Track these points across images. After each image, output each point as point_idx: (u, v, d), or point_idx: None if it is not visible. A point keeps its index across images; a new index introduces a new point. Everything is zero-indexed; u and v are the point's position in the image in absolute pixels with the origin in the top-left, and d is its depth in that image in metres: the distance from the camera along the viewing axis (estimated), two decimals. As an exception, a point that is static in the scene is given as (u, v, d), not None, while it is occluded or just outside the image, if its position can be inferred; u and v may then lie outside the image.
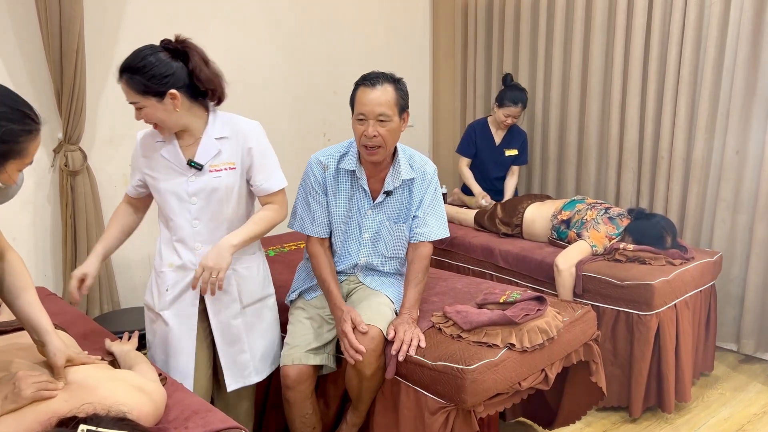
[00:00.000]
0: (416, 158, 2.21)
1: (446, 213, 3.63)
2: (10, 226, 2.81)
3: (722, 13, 3.07)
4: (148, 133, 2.01)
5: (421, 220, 2.21)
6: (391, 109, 2.02)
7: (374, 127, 2.01)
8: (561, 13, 3.75)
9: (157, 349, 2.07)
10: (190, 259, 1.99)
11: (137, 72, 1.79)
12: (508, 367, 1.94)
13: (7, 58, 2.71)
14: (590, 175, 3.76)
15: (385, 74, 2.07)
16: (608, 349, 2.68)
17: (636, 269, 2.67)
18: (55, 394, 1.34)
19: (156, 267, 2.06)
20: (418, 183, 2.19)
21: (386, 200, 2.18)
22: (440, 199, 2.26)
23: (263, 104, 3.58)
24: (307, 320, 2.17)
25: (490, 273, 3.21)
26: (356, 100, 2.05)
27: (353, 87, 2.09)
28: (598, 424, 2.66)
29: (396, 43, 4.28)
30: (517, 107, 3.59)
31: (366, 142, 2.04)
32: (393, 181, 2.15)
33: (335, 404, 2.25)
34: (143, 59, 1.80)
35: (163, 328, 2.03)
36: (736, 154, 3.11)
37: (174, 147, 1.94)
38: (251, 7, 3.49)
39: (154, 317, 2.06)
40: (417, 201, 2.19)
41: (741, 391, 2.91)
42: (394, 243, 2.24)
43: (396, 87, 2.05)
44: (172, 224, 1.99)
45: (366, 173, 2.16)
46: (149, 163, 1.98)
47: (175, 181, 1.95)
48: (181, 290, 2.01)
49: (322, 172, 2.17)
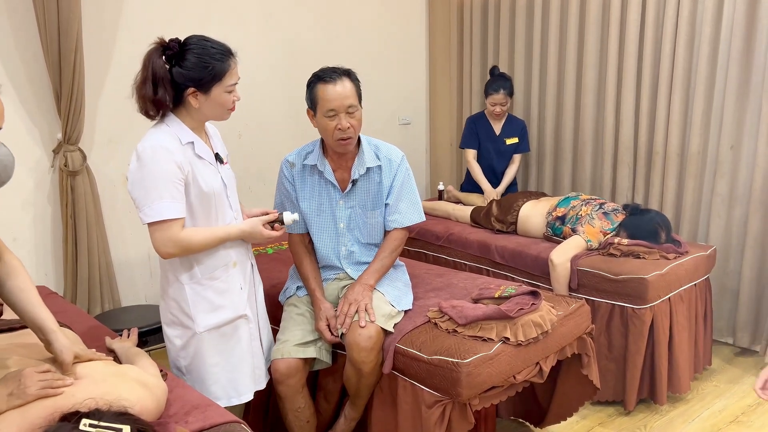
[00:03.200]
0: (381, 147, 2.28)
1: (443, 210, 3.72)
2: (11, 226, 2.84)
3: (716, 8, 3.09)
4: (168, 147, 1.81)
5: (393, 207, 2.27)
6: (355, 100, 2.12)
7: (346, 120, 2.10)
8: (556, 9, 3.77)
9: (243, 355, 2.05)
10: (241, 251, 2.02)
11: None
12: (503, 361, 1.97)
13: (6, 60, 2.73)
14: (586, 170, 3.79)
15: (338, 68, 2.14)
16: (603, 343, 2.71)
17: (630, 264, 2.70)
18: (61, 391, 1.36)
19: (208, 277, 1.93)
20: (386, 170, 2.25)
21: (354, 189, 2.26)
22: (412, 185, 2.31)
23: (259, 104, 3.61)
24: (298, 316, 2.21)
25: (486, 268, 3.23)
26: (320, 98, 2.11)
27: (308, 86, 2.16)
28: (593, 417, 2.69)
29: (392, 40, 4.29)
30: (500, 94, 3.62)
31: (341, 135, 2.11)
32: (359, 169, 2.22)
33: (334, 399, 2.28)
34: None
35: (249, 326, 2.06)
36: (731, 148, 3.13)
37: (202, 143, 1.92)
38: (247, 8, 3.51)
39: (241, 323, 2.02)
40: (386, 188, 2.26)
41: (736, 383, 2.94)
42: (368, 230, 2.30)
43: (351, 79, 2.14)
44: (220, 224, 1.96)
45: (332, 166, 2.24)
46: (191, 168, 1.86)
47: (215, 177, 1.94)
48: (249, 285, 2.06)
49: (290, 170, 2.27)
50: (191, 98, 1.83)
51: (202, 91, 1.82)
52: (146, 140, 1.81)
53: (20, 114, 2.80)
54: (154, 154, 1.77)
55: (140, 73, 1.81)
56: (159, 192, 1.76)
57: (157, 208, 1.77)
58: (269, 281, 2.51)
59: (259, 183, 3.69)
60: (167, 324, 1.97)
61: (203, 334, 1.93)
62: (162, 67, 1.79)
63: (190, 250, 1.85)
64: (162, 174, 1.76)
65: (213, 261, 1.93)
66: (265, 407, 2.45)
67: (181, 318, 1.93)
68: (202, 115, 1.88)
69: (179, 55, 1.80)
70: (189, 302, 1.91)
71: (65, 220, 2.89)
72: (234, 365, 2.00)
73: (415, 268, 2.68)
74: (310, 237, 2.34)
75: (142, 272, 3.26)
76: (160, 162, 1.77)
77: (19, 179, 2.83)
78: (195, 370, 1.96)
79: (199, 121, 1.90)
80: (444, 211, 3.72)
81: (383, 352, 2.08)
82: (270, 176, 3.68)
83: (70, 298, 2.94)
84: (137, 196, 1.80)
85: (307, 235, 2.33)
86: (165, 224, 1.79)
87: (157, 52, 1.80)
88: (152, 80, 1.78)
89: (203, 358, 1.94)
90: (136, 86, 1.82)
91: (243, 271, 2.03)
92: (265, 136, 3.71)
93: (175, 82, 1.80)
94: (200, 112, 1.87)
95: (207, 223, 1.91)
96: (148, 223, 1.79)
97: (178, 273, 1.91)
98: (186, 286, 1.91)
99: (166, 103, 1.81)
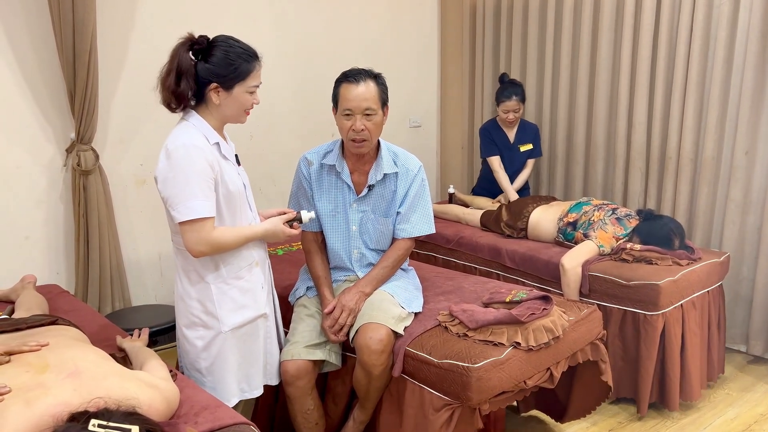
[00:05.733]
0: (400, 155, 2.28)
1: (453, 213, 3.71)
2: (24, 224, 2.86)
3: (732, 12, 3.07)
4: (200, 145, 1.81)
5: (404, 217, 2.27)
6: (375, 104, 2.11)
7: (361, 121, 2.10)
8: (569, 13, 3.75)
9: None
10: (261, 251, 2.05)
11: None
12: (514, 366, 1.96)
13: (22, 59, 2.75)
14: (598, 174, 3.76)
15: (366, 70, 2.15)
16: (618, 346, 2.69)
17: (642, 269, 2.68)
18: (0, 399, 1.31)
19: (234, 276, 1.94)
20: (402, 178, 2.25)
21: (370, 194, 2.25)
22: (426, 196, 2.31)
23: (270, 105, 3.61)
24: (308, 317, 2.21)
25: (496, 272, 3.22)
26: (341, 97, 2.13)
27: (334, 84, 2.17)
28: (604, 423, 2.67)
29: (404, 43, 4.29)
30: (512, 101, 3.59)
31: (354, 136, 2.12)
32: (376, 174, 2.22)
33: (343, 402, 2.27)
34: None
35: (270, 324, 2.08)
36: (746, 154, 3.10)
37: (225, 144, 1.95)
38: (260, 9, 3.52)
39: (260, 322, 2.04)
40: (401, 197, 2.25)
41: (748, 392, 2.91)
42: (377, 236, 2.29)
43: (377, 82, 2.14)
44: (242, 224, 1.97)
45: (349, 168, 2.24)
46: (219, 167, 1.87)
47: (238, 177, 1.95)
48: (268, 284, 2.09)
49: (307, 168, 2.27)
50: (213, 94, 1.84)
51: (224, 87, 1.83)
52: (176, 138, 1.80)
53: (34, 113, 2.82)
54: (187, 152, 1.77)
55: (166, 65, 1.84)
56: (192, 190, 1.76)
57: (191, 206, 1.77)
58: (279, 282, 2.51)
59: (270, 184, 3.70)
60: (187, 326, 1.96)
61: (227, 334, 1.94)
62: (188, 61, 1.81)
63: (221, 249, 1.86)
64: (194, 172, 1.76)
65: (238, 261, 1.94)
66: (272, 410, 2.44)
67: (205, 318, 1.93)
68: (222, 113, 1.89)
69: (206, 50, 1.82)
70: (215, 302, 1.91)
71: (77, 219, 2.91)
72: (250, 362, 2.02)
73: (425, 271, 2.67)
74: (323, 236, 2.34)
75: (152, 272, 3.27)
76: (193, 160, 1.77)
77: (33, 178, 2.85)
78: (217, 370, 1.96)
79: (220, 120, 1.91)
80: (454, 214, 3.70)
81: (393, 355, 2.07)
82: (281, 177, 3.69)
83: (81, 296, 2.95)
84: (169, 194, 1.79)
85: (321, 234, 2.34)
86: (198, 223, 1.79)
87: (185, 46, 1.82)
88: (176, 72, 1.80)
89: (226, 357, 1.95)
90: (161, 78, 1.84)
91: (263, 271, 2.05)
92: (276, 138, 3.71)
93: (198, 77, 1.82)
94: (220, 109, 1.87)
95: (233, 223, 1.92)
96: (181, 222, 1.79)
97: (204, 273, 1.91)
98: (212, 286, 1.91)
99: (188, 96, 1.83)
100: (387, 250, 2.30)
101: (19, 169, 2.81)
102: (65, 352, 1.51)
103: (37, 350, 1.53)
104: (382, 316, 2.07)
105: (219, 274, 1.92)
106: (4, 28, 2.69)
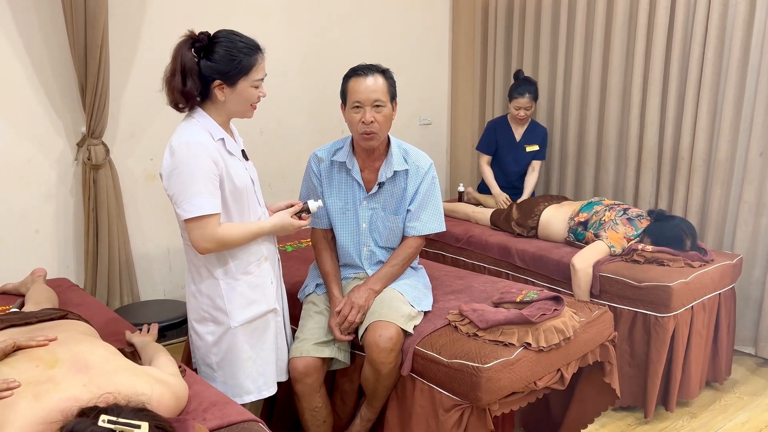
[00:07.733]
0: (411, 152, 2.26)
1: (463, 212, 3.69)
2: (34, 218, 2.86)
3: (747, 12, 3.03)
4: (204, 142, 1.80)
5: (414, 215, 2.25)
6: (384, 96, 2.11)
7: (371, 113, 2.09)
8: (582, 12, 3.72)
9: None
10: (270, 246, 2.05)
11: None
12: (524, 367, 1.94)
13: (34, 54, 2.75)
14: (609, 175, 3.73)
15: (373, 65, 2.14)
16: (625, 349, 2.67)
17: (654, 271, 2.66)
18: (9, 394, 1.31)
19: (243, 272, 1.94)
20: (412, 176, 2.23)
21: (380, 191, 2.24)
22: (437, 194, 2.29)
23: (280, 101, 3.60)
24: (317, 314, 2.21)
25: (506, 272, 3.20)
26: (349, 90, 2.13)
27: (342, 80, 2.16)
28: (612, 425, 2.65)
29: (415, 40, 4.27)
30: (525, 98, 3.57)
31: (363, 129, 2.11)
32: (386, 172, 2.20)
33: (351, 400, 2.26)
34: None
35: (279, 320, 2.09)
36: (760, 155, 3.07)
37: (231, 140, 1.93)
38: (270, 3, 3.51)
39: (271, 317, 2.04)
40: (411, 194, 2.24)
41: (759, 396, 2.88)
42: (387, 233, 2.28)
43: (385, 77, 2.14)
44: (252, 219, 1.96)
45: (359, 165, 2.23)
46: (224, 163, 1.86)
47: (244, 173, 1.94)
48: (278, 279, 2.09)
49: (318, 164, 2.26)
50: (217, 90, 1.82)
51: (228, 84, 1.82)
52: (180, 135, 1.80)
53: (45, 107, 2.82)
54: (191, 149, 1.76)
55: (170, 65, 1.82)
56: (197, 187, 1.76)
57: (196, 203, 1.77)
58: (288, 279, 2.49)
59: (279, 180, 3.69)
60: (198, 321, 1.97)
61: (237, 329, 1.93)
62: (191, 59, 1.79)
63: (227, 245, 1.86)
64: (199, 169, 1.76)
65: (247, 256, 1.94)
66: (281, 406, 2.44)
67: (214, 314, 1.93)
68: (228, 109, 1.88)
69: (208, 47, 1.80)
70: (224, 297, 1.91)
71: (87, 213, 2.91)
72: (264, 359, 2.02)
73: (435, 270, 2.66)
74: (332, 233, 2.33)
75: (161, 267, 3.28)
76: (197, 157, 1.76)
77: (43, 172, 2.86)
78: (228, 366, 1.96)
79: (226, 116, 1.90)
80: (464, 213, 3.69)
81: (402, 354, 2.06)
82: (290, 173, 3.68)
83: (89, 290, 2.96)
84: (174, 191, 1.79)
85: (330, 231, 2.33)
86: (204, 220, 1.78)
87: (187, 44, 1.80)
88: (181, 72, 1.79)
89: (237, 352, 1.95)
90: (166, 78, 1.83)
91: (273, 266, 2.04)
92: (286, 134, 3.70)
93: (202, 74, 1.80)
94: (226, 106, 1.86)
95: (240, 219, 1.92)
96: (186, 219, 1.79)
97: (213, 268, 1.91)
98: (221, 281, 1.91)
99: (195, 95, 1.81)
100: (397, 248, 2.29)
101: (29, 163, 2.82)
102: (75, 347, 1.51)
103: (45, 345, 1.52)
104: (392, 314, 2.06)
105: (228, 269, 1.92)
106: (16, 22, 2.69)
